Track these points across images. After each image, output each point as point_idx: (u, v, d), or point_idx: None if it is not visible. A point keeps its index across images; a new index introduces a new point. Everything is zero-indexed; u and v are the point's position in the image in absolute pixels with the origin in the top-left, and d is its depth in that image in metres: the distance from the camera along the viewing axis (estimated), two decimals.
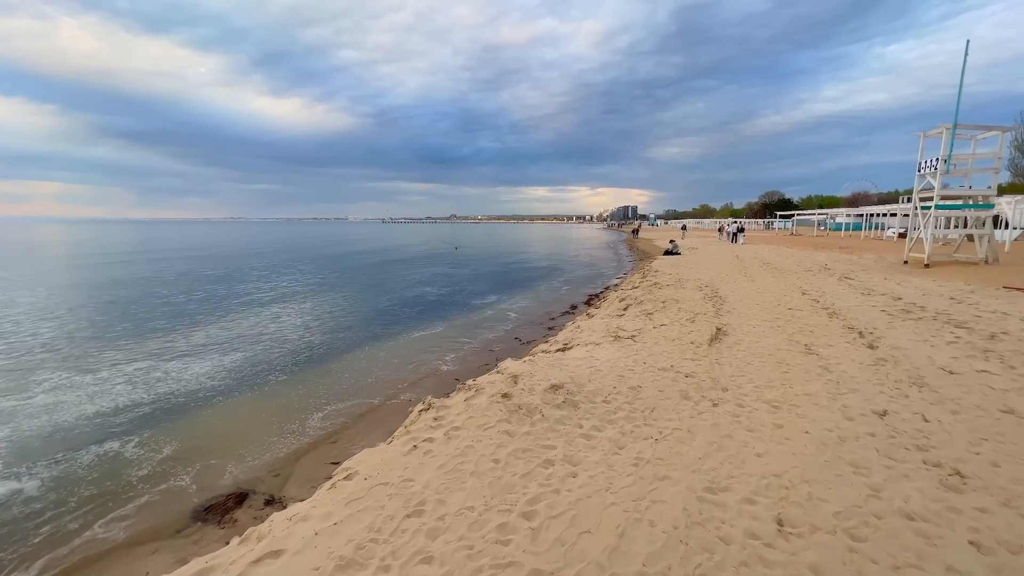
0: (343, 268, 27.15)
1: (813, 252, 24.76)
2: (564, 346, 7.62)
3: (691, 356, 6.28)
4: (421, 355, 9.85)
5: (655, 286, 13.13)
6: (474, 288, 19.73)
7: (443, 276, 23.84)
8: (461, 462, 3.32)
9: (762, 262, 19.86)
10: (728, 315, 9.07)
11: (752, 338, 7.29)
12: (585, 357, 6.25)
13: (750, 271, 16.61)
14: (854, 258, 20.60)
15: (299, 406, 7.15)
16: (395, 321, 13.07)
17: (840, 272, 15.67)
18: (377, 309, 14.75)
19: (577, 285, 21.01)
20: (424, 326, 12.57)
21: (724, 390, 5.11)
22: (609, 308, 10.95)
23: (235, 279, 21.41)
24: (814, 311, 9.41)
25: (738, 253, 24.88)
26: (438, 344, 10.75)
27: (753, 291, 12.02)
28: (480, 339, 11.22)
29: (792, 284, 13.16)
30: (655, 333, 7.58)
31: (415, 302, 16.13)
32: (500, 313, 14.46)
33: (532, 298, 17.54)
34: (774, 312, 9.35)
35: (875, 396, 4.96)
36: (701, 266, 18.68)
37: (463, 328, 12.46)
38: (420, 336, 11.51)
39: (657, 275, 15.67)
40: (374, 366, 9.15)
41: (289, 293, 17.65)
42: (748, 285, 13.08)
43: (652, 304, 10.14)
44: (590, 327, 8.39)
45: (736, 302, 10.46)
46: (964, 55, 15.18)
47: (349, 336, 11.36)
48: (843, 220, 53.94)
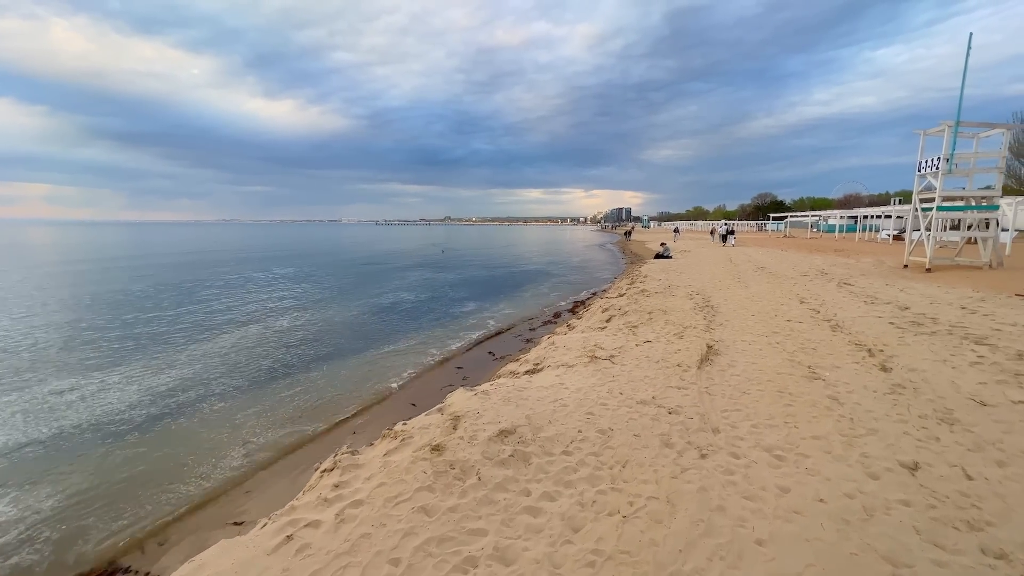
0: (321, 272, 26.05)
1: (808, 255, 24.01)
2: (534, 367, 6.67)
3: (677, 383, 5.34)
4: (382, 372, 8.86)
5: (642, 293, 12.21)
6: (455, 295, 18.74)
7: (425, 281, 22.83)
8: (344, 567, 2.34)
9: (756, 266, 19.03)
10: (720, 328, 8.15)
11: (748, 358, 6.37)
12: (552, 385, 5.29)
13: (744, 276, 15.76)
14: (851, 261, 19.83)
15: (225, 438, 6.14)
16: (364, 333, 12.06)
17: (838, 277, 14.85)
18: (346, 319, 13.72)
19: (565, 290, 20.09)
20: (394, 338, 11.57)
21: (715, 431, 4.17)
22: (591, 319, 10.02)
23: (199, 288, 20.28)
24: (815, 323, 8.52)
25: (731, 256, 24.08)
26: (404, 360, 9.76)
27: (748, 299, 11.13)
28: (451, 353, 10.24)
29: (789, 291, 12.30)
30: (637, 352, 6.64)
31: (390, 310, 15.11)
32: (480, 322, 13.48)
33: (516, 305, 16.59)
34: (771, 324, 8.45)
35: (899, 439, 4.04)
36: (693, 271, 17.81)
37: (435, 340, 11.48)
38: (387, 351, 10.51)
39: (646, 281, 14.77)
40: (328, 385, 8.14)
41: (253, 302, 16.57)
42: (742, 292, 12.20)
43: (637, 315, 9.21)
44: (566, 344, 7.44)
45: (729, 312, 9.56)
46: (967, 48, 14.44)
47: (308, 351, 10.33)
48: (836, 222, 53.50)
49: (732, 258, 22.95)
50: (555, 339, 7.90)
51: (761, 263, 20.23)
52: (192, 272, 25.29)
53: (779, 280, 14.54)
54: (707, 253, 27.10)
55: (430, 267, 29.73)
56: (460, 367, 9.03)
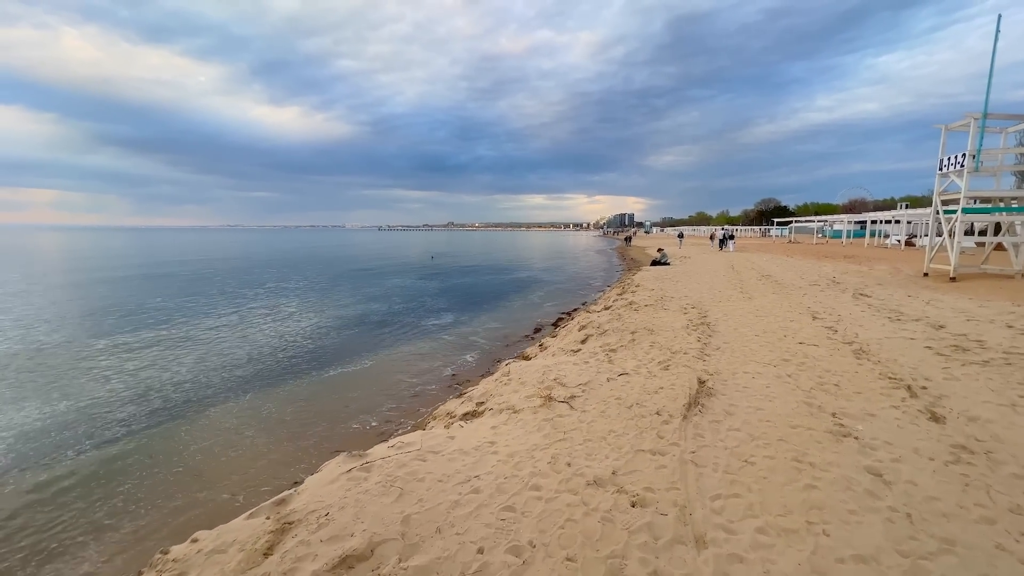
0: (297, 280, 24.66)
1: (816, 262, 22.43)
2: (476, 407, 5.19)
3: (652, 444, 3.84)
4: (318, 410, 7.39)
5: (630, 306, 10.70)
6: (434, 304, 17.28)
7: (404, 289, 21.38)
8: None
9: (760, 274, 17.49)
10: (717, 355, 6.64)
11: (751, 400, 4.86)
12: (478, 447, 3.82)
13: (747, 286, 14.23)
14: (864, 269, 18.26)
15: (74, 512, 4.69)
16: (316, 354, 10.56)
17: (852, 287, 13.31)
18: (302, 336, 12.26)
19: (555, 299, 18.61)
20: (349, 359, 10.10)
21: (699, 543, 2.68)
22: (565, 339, 8.53)
23: (153, 296, 18.92)
24: (833, 346, 7.00)
25: (733, 263, 22.53)
26: (348, 389, 8.30)
27: (751, 314, 9.62)
28: (408, 377, 8.77)
29: (798, 303, 10.77)
30: (607, 390, 5.14)
31: (355, 323, 13.66)
32: (458, 338, 12.00)
33: (500, 316, 15.12)
34: (780, 348, 6.93)
35: (994, 560, 2.53)
36: (691, 279, 16.29)
37: (396, 361, 10.01)
38: (333, 375, 9.05)
39: (636, 291, 13.26)
40: (243, 427, 6.69)
41: (207, 313, 15.15)
42: (745, 305, 10.68)
43: (618, 335, 7.71)
44: (521, 375, 5.95)
45: (729, 332, 8.04)
46: (995, 32, 12.96)
47: (240, 376, 8.87)
48: (843, 227, 51.79)
49: (734, 265, 21.40)
50: (512, 367, 6.40)
51: (766, 270, 18.69)
52: (164, 281, 23.98)
53: (786, 290, 13.01)
54: (707, 260, 25.56)
55: (415, 275, 28.30)
56: (391, 410, 7.53)
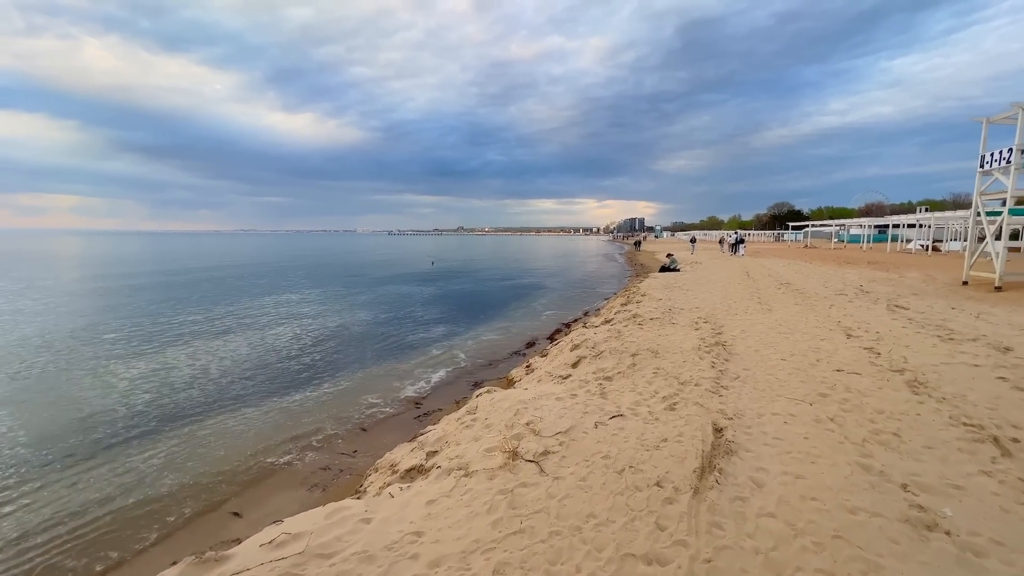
0: (290, 286, 23.73)
1: (838, 268, 20.92)
2: (424, 461, 4.03)
3: (645, 546, 2.63)
4: (254, 439, 6.29)
5: (634, 320, 9.45)
6: (425, 314, 16.16)
7: (397, 297, 20.30)
8: None
9: (779, 281, 16.09)
10: (736, 387, 5.38)
11: (785, 461, 3.60)
12: (394, 544, 2.65)
13: (765, 295, 12.88)
14: (893, 276, 16.75)
15: None
16: (280, 373, 9.46)
17: (884, 297, 11.90)
18: (270, 351, 11.20)
19: (555, 307, 17.39)
20: (316, 379, 9.01)
21: None
22: (555, 360, 7.32)
23: (136, 302, 18.06)
24: (879, 375, 5.70)
25: (748, 270, 21.09)
26: (302, 414, 7.19)
27: (773, 330, 8.31)
28: (372, 400, 7.63)
29: (825, 316, 9.43)
30: (593, 442, 3.93)
31: (333, 336, 12.58)
32: (441, 354, 10.86)
33: (493, 326, 13.95)
34: (813, 377, 5.65)
35: None
36: (702, 288, 14.96)
37: (367, 380, 8.90)
38: (293, 399, 7.95)
39: (642, 302, 11.98)
40: (179, 461, 5.61)
41: (177, 325, 14.19)
42: (765, 319, 9.37)
43: (616, 358, 6.48)
44: (490, 414, 4.75)
45: (749, 354, 6.76)
46: None
47: (177, 401, 7.80)
48: (862, 231, 49.76)
49: (750, 272, 19.97)
50: (482, 401, 5.21)
51: (784, 278, 17.28)
52: (155, 288, 23.22)
53: (810, 301, 11.65)
54: (720, 266, 24.11)
55: (412, 281, 27.23)
56: (338, 447, 6.38)
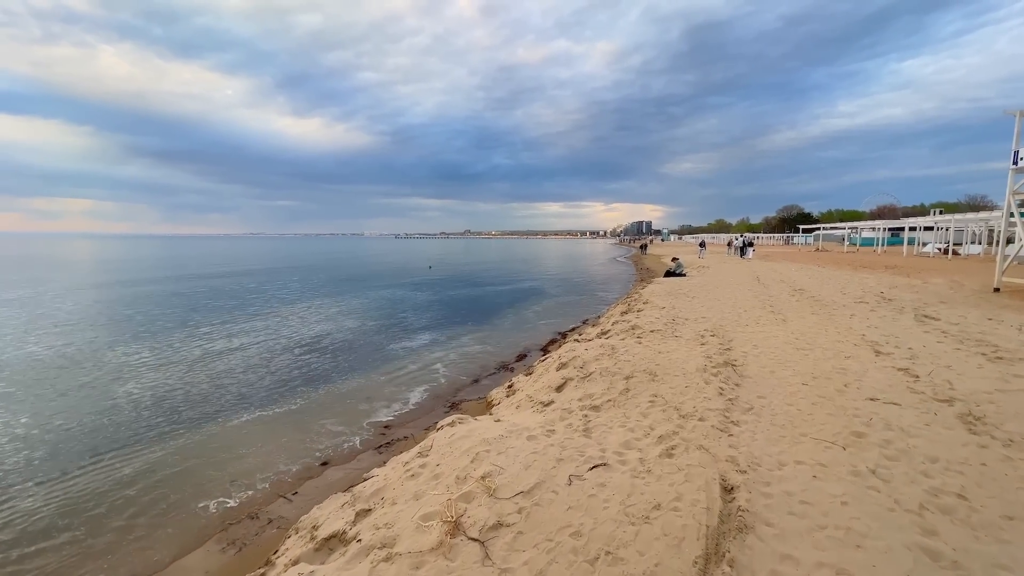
0: (281, 290, 23.01)
1: (854, 273, 19.78)
2: (348, 526, 3.14)
3: None
4: (183, 473, 5.44)
5: (632, 332, 8.50)
6: (414, 321, 15.30)
7: (389, 302, 19.48)
8: None
9: (792, 287, 15.05)
10: (750, 422, 4.43)
11: (817, 542, 2.65)
12: None
13: (779, 302, 11.87)
14: (915, 282, 15.63)
15: None
16: (243, 387, 8.66)
17: (910, 305, 10.85)
18: (237, 362, 10.40)
19: (553, 315, 16.46)
20: (279, 396, 8.18)
21: None
22: (539, 381, 6.40)
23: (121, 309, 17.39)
24: (923, 406, 4.73)
25: (759, 275, 20.01)
26: (248, 441, 6.35)
27: (790, 344, 7.33)
28: (330, 427, 6.77)
29: (847, 328, 8.43)
30: (561, 508, 3.01)
31: (312, 346, 11.75)
32: (420, 368, 9.99)
33: (484, 336, 13.06)
34: (842, 409, 4.68)
35: None
36: (709, 295, 13.96)
37: (331, 399, 8.05)
38: (244, 420, 7.12)
39: (644, 310, 11.02)
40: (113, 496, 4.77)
41: (145, 334, 13.46)
42: (779, 332, 8.38)
43: (607, 382, 5.55)
44: (442, 459, 3.85)
45: (764, 376, 5.80)
46: None
47: (120, 424, 6.99)
48: (877, 235, 48.22)
49: (760, 277, 18.90)
50: (438, 440, 4.30)
51: (797, 283, 16.21)
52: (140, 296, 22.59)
53: (828, 309, 10.63)
54: (728, 270, 23.03)
55: (407, 285, 26.41)
56: (281, 491, 5.51)
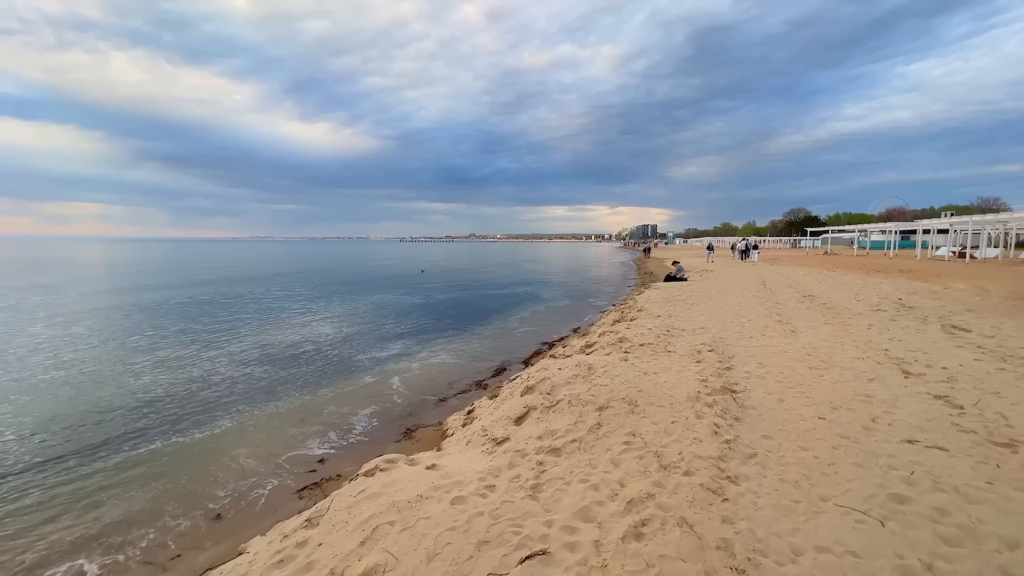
0: (265, 295, 22.10)
1: (866, 277, 18.59)
2: None
3: None
4: (46, 538, 4.44)
5: (619, 345, 7.43)
6: (393, 329, 14.29)
7: (372, 308, 18.48)
8: None
9: (801, 293, 13.92)
10: (752, 476, 3.37)
11: None
12: None
13: (786, 311, 10.76)
14: (935, 288, 14.45)
15: None
16: (175, 406, 7.70)
17: (934, 314, 9.72)
18: (180, 376, 9.44)
19: (543, 321, 15.39)
20: (211, 416, 7.19)
21: None
22: (499, 409, 5.35)
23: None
24: (977, 451, 3.65)
25: (765, 279, 18.86)
26: (140, 489, 5.35)
27: (800, 362, 6.25)
28: (244, 464, 5.75)
29: (866, 341, 7.33)
30: None
31: (274, 356, 10.76)
32: (378, 383, 8.98)
33: (462, 347, 12.01)
34: (873, 457, 3.61)
35: None
36: (711, 301, 12.86)
37: (264, 422, 7.03)
38: (146, 456, 6.12)
39: (637, 320, 9.96)
40: None
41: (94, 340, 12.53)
42: (788, 345, 7.30)
43: (575, 414, 4.50)
44: (328, 534, 2.84)
45: (770, 407, 4.73)
46: None
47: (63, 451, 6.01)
48: (884, 237, 46.79)
49: (766, 281, 17.76)
50: (339, 499, 3.28)
51: (807, 288, 15.08)
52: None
53: (842, 318, 9.53)
54: (733, 275, 21.88)
55: (399, 289, 25.43)
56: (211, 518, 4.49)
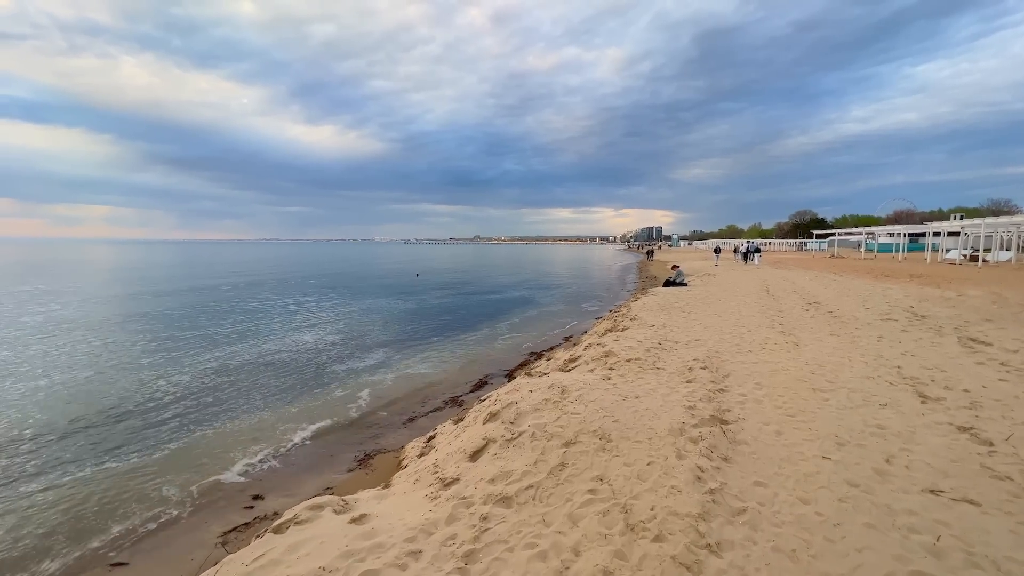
0: (253, 296, 21.57)
1: (874, 282, 17.79)
2: None
3: None
4: None
5: (604, 360, 6.76)
6: (377, 336, 13.68)
7: (360, 314, 17.88)
8: None
9: (806, 300, 13.18)
10: (737, 545, 2.70)
11: None
12: None
13: (790, 319, 10.05)
14: (948, 295, 13.65)
15: None
16: (129, 429, 7.12)
17: (949, 324, 8.98)
18: (131, 391, 8.87)
19: (532, 329, 14.72)
20: (151, 435, 6.60)
21: None
22: (459, 438, 4.71)
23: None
24: (1014, 505, 2.96)
25: (768, 284, 18.10)
26: (25, 527, 4.74)
27: (803, 383, 5.55)
28: (172, 492, 5.14)
29: (875, 355, 6.61)
30: None
31: (246, 365, 10.19)
32: (345, 395, 8.36)
33: (445, 355, 11.39)
34: (889, 515, 2.92)
35: None
36: (709, 308, 12.15)
37: (215, 440, 6.43)
38: (59, 487, 5.53)
39: (628, 330, 9.27)
40: None
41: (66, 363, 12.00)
42: (789, 360, 6.60)
43: (539, 450, 3.84)
44: None
45: (765, 443, 4.04)
46: None
47: None
48: (893, 240, 45.68)
49: (770, 287, 17.00)
50: (236, 566, 2.67)
51: (812, 294, 14.32)
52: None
53: (849, 328, 8.81)
54: (735, 279, 21.11)
55: (391, 293, 24.82)
56: None
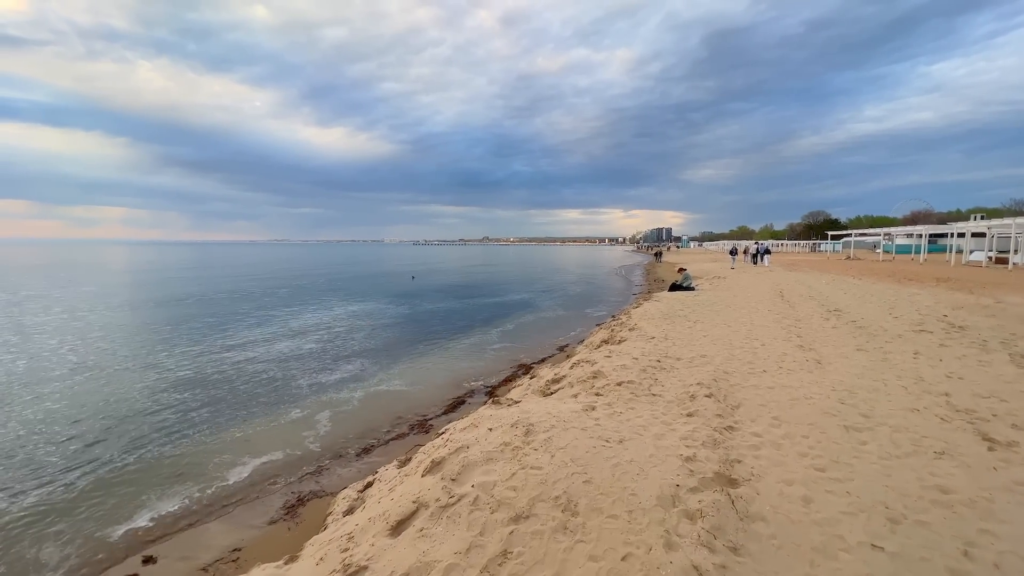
0: (244, 297, 20.84)
1: (899, 287, 16.48)
2: None
3: None
4: None
5: (591, 383, 5.73)
6: (360, 345, 12.77)
7: (348, 318, 17.01)
8: None
9: (824, 307, 11.99)
10: None
11: None
12: None
13: (808, 331, 8.92)
14: (985, 301, 12.35)
15: None
16: (34, 463, 6.27)
17: (994, 337, 7.79)
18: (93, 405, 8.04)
19: (525, 338, 13.74)
20: (74, 472, 5.74)
21: None
22: (386, 498, 3.72)
23: None
24: None
25: (782, 288, 16.86)
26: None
27: (831, 417, 4.47)
28: (80, 536, 4.24)
29: (916, 379, 5.50)
30: None
31: (198, 381, 9.34)
32: (301, 424, 7.42)
33: (428, 367, 10.47)
34: None
35: None
36: (718, 316, 11.04)
37: (139, 475, 5.54)
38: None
39: (626, 341, 8.22)
40: None
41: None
42: (812, 384, 5.51)
43: (476, 528, 2.87)
44: None
45: (788, 516, 2.99)
46: None
47: None
48: (912, 241, 43.85)
49: (784, 292, 15.79)
50: None
51: (831, 300, 13.11)
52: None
53: (878, 342, 7.67)
54: (747, 282, 19.86)
55: (386, 297, 23.94)
56: None
